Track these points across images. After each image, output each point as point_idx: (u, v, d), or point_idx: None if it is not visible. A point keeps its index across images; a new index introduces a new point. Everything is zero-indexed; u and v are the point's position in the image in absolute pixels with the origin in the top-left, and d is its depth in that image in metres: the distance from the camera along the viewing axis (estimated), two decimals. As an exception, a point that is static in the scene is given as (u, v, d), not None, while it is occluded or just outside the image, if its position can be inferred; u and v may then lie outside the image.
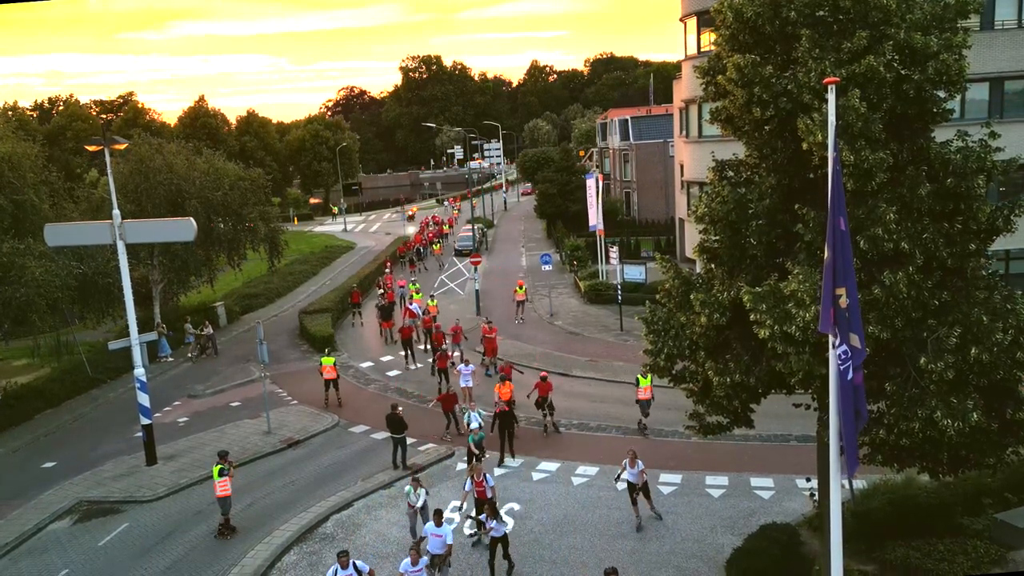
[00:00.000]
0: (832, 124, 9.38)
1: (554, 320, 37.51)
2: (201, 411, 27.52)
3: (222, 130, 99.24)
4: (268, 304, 45.73)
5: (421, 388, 28.35)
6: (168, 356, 34.34)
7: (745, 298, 11.55)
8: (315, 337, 34.57)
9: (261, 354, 24.07)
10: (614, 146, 72.15)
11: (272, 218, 40.20)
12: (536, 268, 51.79)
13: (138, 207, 34.65)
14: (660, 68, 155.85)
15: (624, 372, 28.48)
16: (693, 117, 33.52)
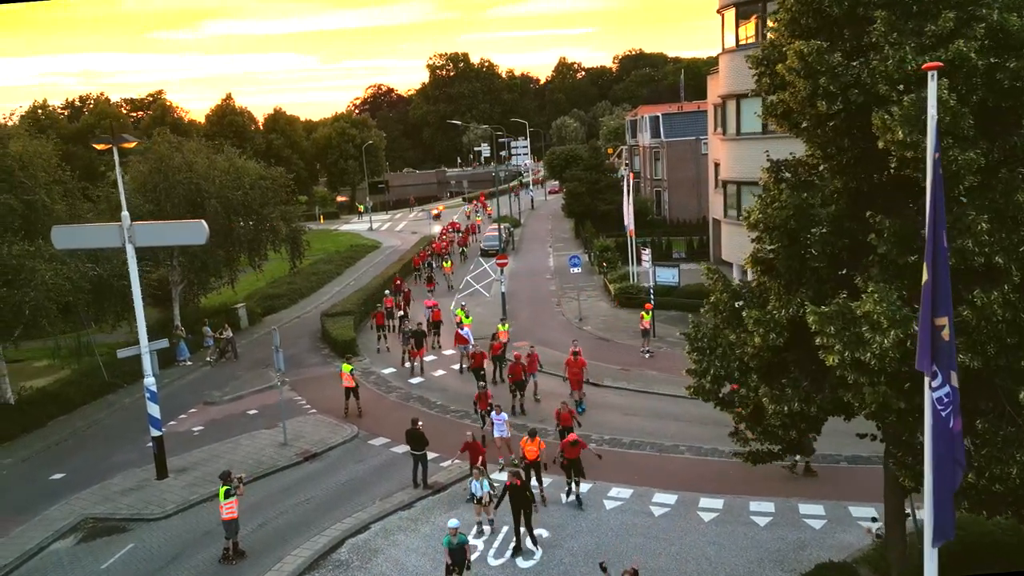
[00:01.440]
0: (933, 118, 7.91)
1: (583, 324, 36.12)
2: (217, 419, 26.55)
3: (249, 128, 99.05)
4: (291, 305, 44.86)
5: (444, 396, 27.14)
6: (187, 360, 33.50)
7: (810, 318, 10.11)
8: (336, 341, 33.53)
9: (277, 362, 23.02)
10: (644, 143, 70.46)
11: (293, 218, 39.22)
12: (564, 269, 50.39)
13: (157, 207, 33.89)
14: (689, 64, 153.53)
15: (658, 382, 27.07)
16: (731, 113, 31.94)
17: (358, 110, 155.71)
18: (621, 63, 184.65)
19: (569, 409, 21.10)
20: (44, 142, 31.20)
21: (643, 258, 34.70)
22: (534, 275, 49.98)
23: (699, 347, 13.41)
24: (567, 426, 20.27)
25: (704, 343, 13.28)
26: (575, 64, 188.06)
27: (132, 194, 34.12)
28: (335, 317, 36.84)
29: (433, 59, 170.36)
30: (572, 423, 20.63)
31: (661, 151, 65.44)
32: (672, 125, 64.13)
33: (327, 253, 63.35)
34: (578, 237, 64.03)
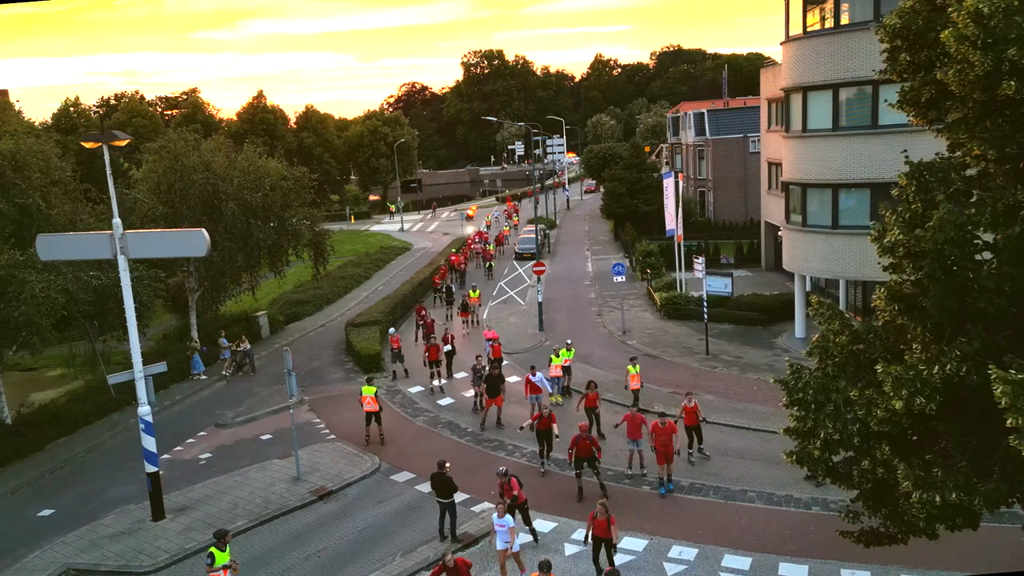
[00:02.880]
0: None
1: (627, 338, 33.18)
2: (228, 445, 24.16)
3: (280, 126, 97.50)
4: (315, 312, 42.54)
5: (477, 424, 24.42)
6: (201, 374, 31.25)
7: (997, 388, 7.17)
8: (360, 355, 31.04)
9: (290, 387, 20.49)
10: (687, 141, 67.10)
11: (318, 220, 36.81)
12: (604, 275, 47.47)
13: (171, 209, 31.74)
14: (729, 61, 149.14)
15: (717, 409, 24.10)
16: (796, 108, 28.75)
17: (391, 108, 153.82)
18: (659, 59, 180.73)
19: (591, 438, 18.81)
20: (43, 140, 29.05)
21: (696, 266, 31.62)
22: (572, 281, 47.11)
23: (802, 400, 10.51)
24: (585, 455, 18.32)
25: (809, 396, 10.37)
26: (611, 61, 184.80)
27: (146, 195, 32.06)
28: (360, 328, 34.36)
29: (467, 56, 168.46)
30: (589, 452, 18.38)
31: (706, 149, 62.07)
32: (718, 122, 60.71)
33: (356, 255, 61.15)
34: (617, 240, 61.01)
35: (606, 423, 22.91)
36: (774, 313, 33.66)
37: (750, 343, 31.20)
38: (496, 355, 27.37)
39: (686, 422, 20.72)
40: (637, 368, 24.23)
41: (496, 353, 27.52)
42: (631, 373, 23.86)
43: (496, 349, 27.74)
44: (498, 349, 27.86)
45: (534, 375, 23.41)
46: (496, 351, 27.64)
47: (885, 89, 25.97)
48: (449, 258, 50.75)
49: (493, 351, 27.64)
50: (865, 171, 26.65)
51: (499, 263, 54.91)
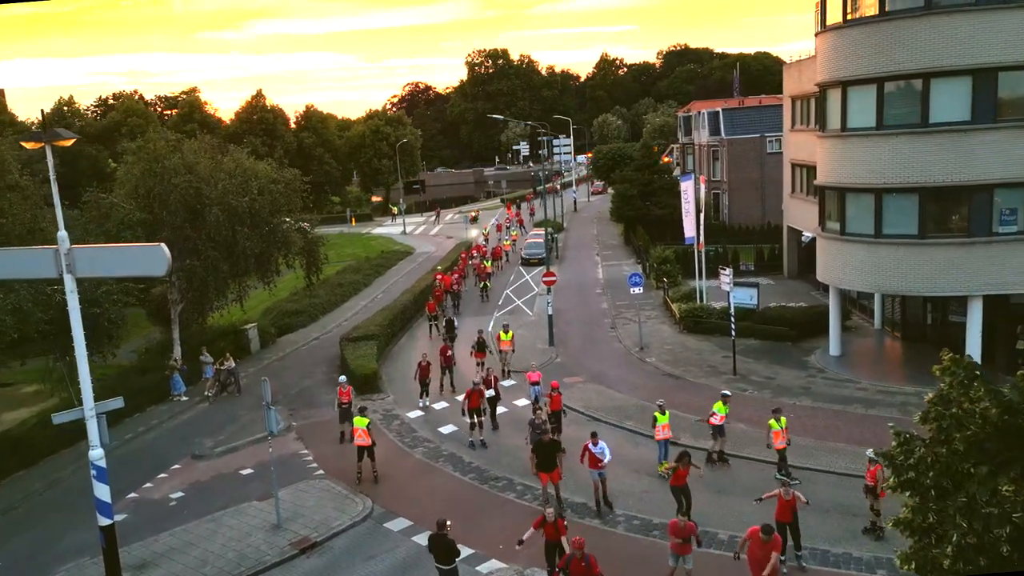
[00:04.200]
0: None
1: (645, 355, 30.56)
2: (203, 481, 21.60)
3: (280, 126, 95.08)
4: (310, 323, 39.98)
5: (482, 455, 21.85)
6: (182, 395, 28.71)
7: None
8: (355, 374, 28.46)
9: (269, 422, 17.92)
10: (701, 141, 64.46)
11: (310, 226, 34.26)
12: (615, 282, 44.92)
13: (151, 215, 29.24)
14: (737, 60, 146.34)
15: (751, 441, 21.50)
16: (834, 104, 26.13)
17: (394, 108, 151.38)
18: (665, 58, 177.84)
19: None
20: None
21: (723, 278, 29.00)
22: (582, 289, 44.47)
23: (916, 483, 7.91)
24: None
25: (929, 479, 7.77)
26: (617, 60, 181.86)
27: (123, 199, 29.58)
28: (356, 342, 31.79)
29: (472, 56, 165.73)
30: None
31: (721, 150, 59.47)
32: (734, 121, 58.11)
33: (356, 260, 58.63)
34: (628, 244, 58.39)
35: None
36: (804, 328, 31.02)
37: (780, 361, 28.56)
38: (556, 407, 21.96)
39: (778, 516, 15.34)
40: (783, 422, 19.05)
41: (556, 404, 22.03)
42: (774, 429, 18.94)
43: (556, 400, 22.02)
44: (559, 400, 22.14)
45: (595, 444, 17.71)
46: (556, 402, 22.02)
47: (937, 83, 23.41)
48: (437, 278, 42.35)
49: (553, 402, 21.96)
50: (913, 174, 24.05)
51: (498, 279, 48.78)
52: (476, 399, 22.20)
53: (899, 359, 28.68)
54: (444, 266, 48.83)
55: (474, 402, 22.20)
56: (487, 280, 44.67)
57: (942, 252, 24.04)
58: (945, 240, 24.01)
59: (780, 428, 19.01)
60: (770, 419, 19.16)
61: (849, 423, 22.51)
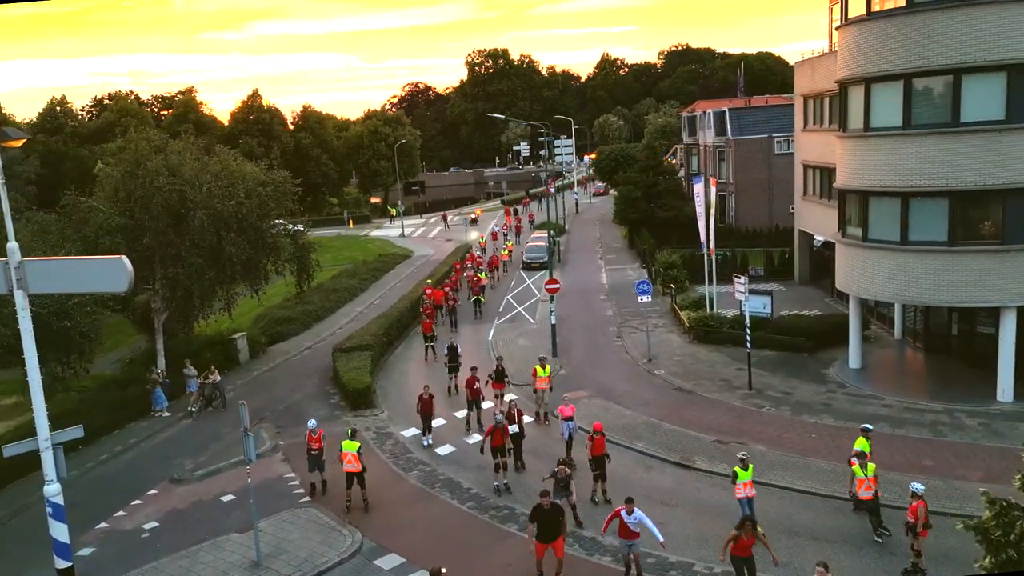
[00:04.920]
0: None
1: (653, 367, 28.97)
2: (180, 508, 20.01)
3: (277, 127, 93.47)
4: (303, 331, 38.39)
5: (481, 479, 20.24)
6: (164, 410, 27.12)
7: None
8: (347, 388, 26.92)
9: (247, 450, 16.33)
10: (706, 142, 62.90)
11: (301, 232, 32.69)
12: (620, 288, 43.37)
13: (131, 219, 27.65)
14: (740, 60, 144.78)
15: (773, 465, 19.94)
16: (856, 103, 24.53)
17: (394, 108, 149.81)
18: (667, 58, 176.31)
19: None
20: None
21: (737, 287, 27.42)
22: (586, 295, 42.86)
23: (1018, 563, 6.33)
24: None
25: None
26: (618, 60, 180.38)
27: (102, 202, 28.02)
28: (349, 353, 30.19)
29: (472, 56, 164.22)
30: None
31: (727, 151, 57.86)
32: (741, 121, 56.51)
33: (353, 263, 57.06)
34: (632, 247, 56.82)
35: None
36: (821, 338, 29.42)
37: (797, 375, 26.98)
38: (599, 451, 18.34)
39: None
40: (871, 469, 16.38)
41: (599, 448, 18.33)
42: (859, 477, 16.32)
43: (599, 444, 18.35)
44: (602, 444, 18.40)
45: (630, 513, 14.79)
46: (599, 446, 18.35)
47: (969, 79, 21.83)
48: (426, 294, 38.02)
49: (595, 446, 18.35)
50: (942, 176, 22.47)
51: (498, 284, 46.94)
52: (500, 437, 19.24)
53: (924, 373, 27.08)
54: (435, 279, 44.04)
55: (497, 440, 19.23)
56: (481, 294, 40.41)
57: (974, 261, 22.46)
58: (977, 248, 22.43)
59: (866, 476, 16.10)
60: (852, 462, 16.42)
61: (877, 444, 20.73)
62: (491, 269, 48.32)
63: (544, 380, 23.98)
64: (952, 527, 16.57)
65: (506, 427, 19.55)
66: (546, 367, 24.18)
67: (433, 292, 38.21)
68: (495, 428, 19.31)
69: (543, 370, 24.01)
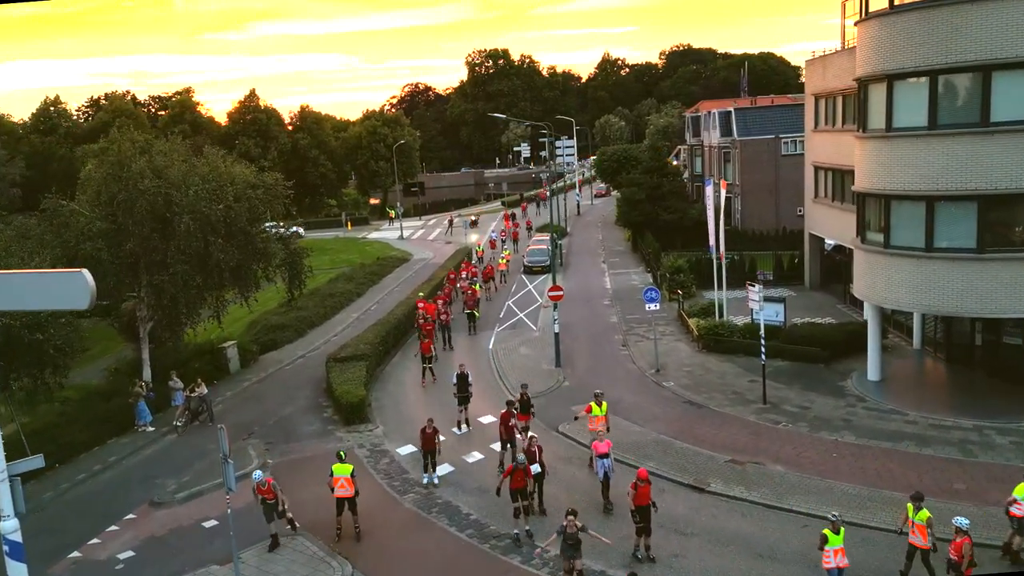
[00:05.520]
0: None
1: (662, 378, 27.67)
2: (159, 535, 18.70)
3: (274, 127, 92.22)
4: (297, 338, 37.04)
5: (481, 504, 18.92)
6: (148, 424, 25.79)
7: None
8: (340, 402, 25.60)
9: (227, 479, 15.04)
10: (711, 143, 61.68)
11: (293, 236, 31.39)
12: (624, 293, 42.13)
13: (114, 224, 26.35)
14: (742, 60, 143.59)
15: (795, 489, 18.64)
16: (877, 101, 23.24)
17: (393, 108, 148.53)
18: (668, 59, 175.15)
19: None
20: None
21: (751, 295, 26.11)
22: (589, 300, 41.54)
23: None
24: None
25: None
26: (619, 60, 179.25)
27: (84, 205, 26.73)
28: (343, 364, 28.88)
29: (472, 56, 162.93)
30: None
31: (733, 151, 56.61)
32: (747, 122, 55.24)
33: (351, 266, 55.75)
34: (636, 251, 55.54)
35: None
36: (837, 347, 28.13)
37: (813, 387, 25.68)
38: (643, 500, 15.92)
39: None
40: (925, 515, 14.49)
41: (643, 498, 15.90)
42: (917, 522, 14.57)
43: (644, 493, 15.93)
44: (646, 493, 15.97)
45: None
46: (644, 495, 15.93)
47: (1000, 77, 20.54)
48: (419, 308, 34.27)
49: (639, 495, 15.89)
50: (971, 179, 21.18)
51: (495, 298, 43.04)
52: (521, 478, 17.05)
53: (947, 386, 25.76)
54: (428, 289, 40.51)
55: (518, 482, 16.98)
56: (476, 307, 36.78)
57: (1005, 269, 21.16)
58: (1008, 255, 21.13)
59: (921, 520, 14.40)
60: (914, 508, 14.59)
61: (903, 465, 19.62)
62: (486, 279, 44.37)
63: (600, 420, 20.22)
64: (991, 559, 15.41)
65: (528, 467, 17.29)
66: (602, 404, 20.38)
67: (426, 306, 34.58)
68: (515, 468, 17.06)
69: (599, 408, 20.30)
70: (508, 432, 20.57)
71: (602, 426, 20.11)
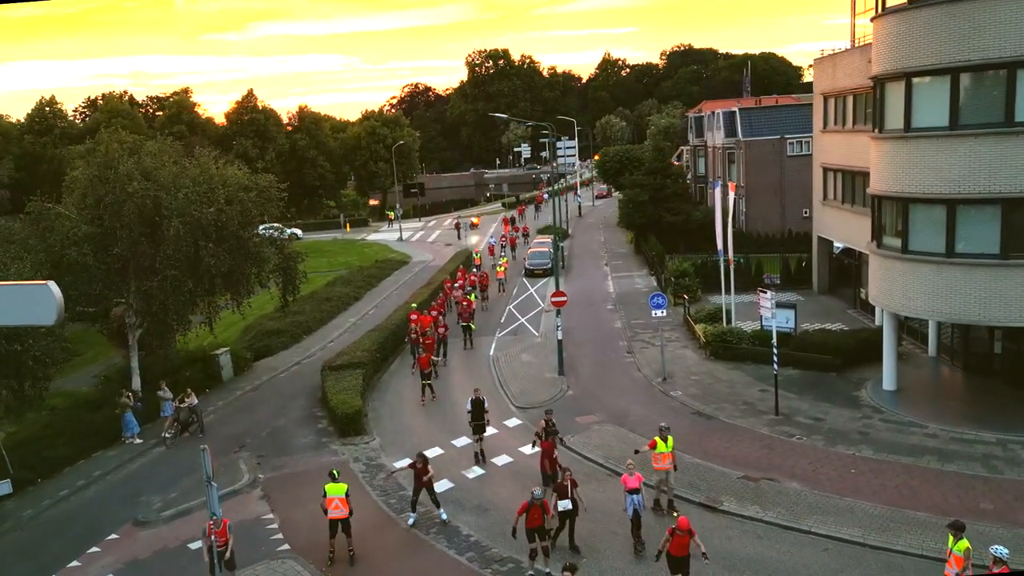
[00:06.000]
0: None
1: (669, 388, 26.70)
2: (142, 559, 17.72)
3: (272, 128, 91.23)
4: (292, 344, 36.06)
5: (484, 524, 17.96)
6: (135, 436, 24.80)
7: None
8: (336, 413, 24.63)
9: (211, 503, 14.06)
10: (715, 143, 60.68)
11: (287, 240, 30.43)
12: (628, 296, 41.22)
13: (101, 228, 25.38)
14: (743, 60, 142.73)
15: (813, 508, 17.65)
16: (894, 100, 22.26)
17: (393, 109, 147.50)
18: (669, 59, 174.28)
19: None
20: None
21: (763, 302, 25.13)
22: (592, 304, 40.57)
23: None
24: None
25: None
26: (620, 61, 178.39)
27: (70, 209, 25.77)
28: (339, 372, 27.90)
29: (472, 56, 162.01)
30: None
31: (737, 152, 55.61)
32: (752, 122, 54.25)
33: (349, 269, 54.79)
34: (639, 253, 54.59)
35: None
36: (850, 355, 27.16)
37: (826, 397, 24.70)
38: (680, 550, 14.08)
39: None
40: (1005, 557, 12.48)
41: (681, 548, 14.10)
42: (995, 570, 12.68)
43: (680, 544, 14.10)
44: (684, 545, 14.09)
45: None
46: (680, 545, 14.11)
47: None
48: (412, 320, 31.91)
49: (676, 544, 14.08)
50: (995, 182, 20.20)
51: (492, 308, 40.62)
52: (537, 516, 15.07)
53: (966, 396, 24.77)
54: (422, 298, 38.18)
55: (534, 520, 15.09)
56: (471, 320, 33.88)
57: (1030, 275, 20.20)
58: (1034, 261, 20.17)
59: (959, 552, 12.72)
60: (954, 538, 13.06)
61: (926, 483, 18.64)
62: (482, 288, 41.93)
63: (666, 458, 17.52)
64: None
65: (545, 504, 15.34)
66: (668, 439, 17.69)
67: (420, 318, 31.93)
68: (531, 504, 15.02)
69: (664, 444, 17.59)
70: (552, 466, 18.16)
71: (668, 464, 17.58)
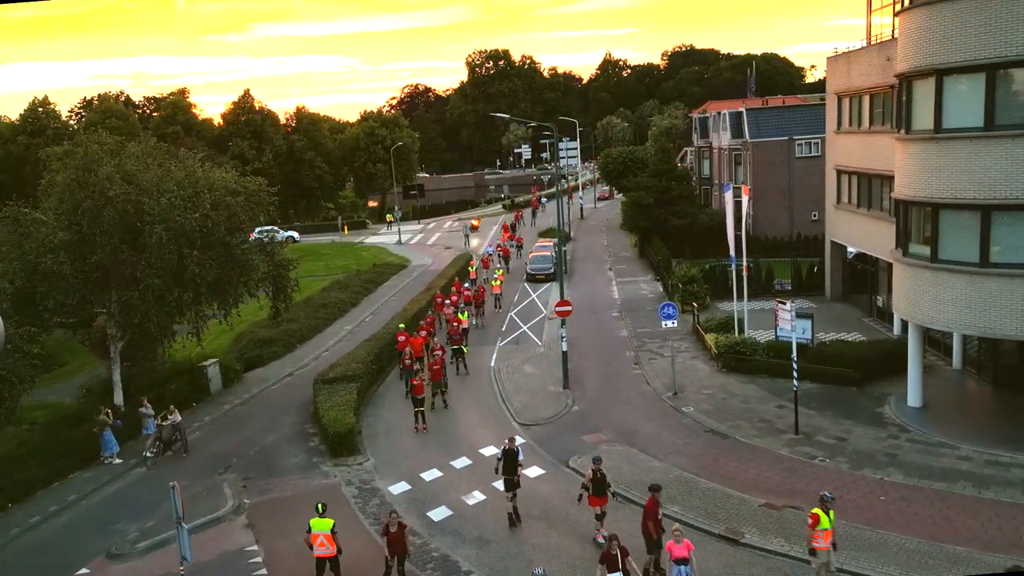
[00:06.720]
0: None
1: (680, 403, 25.26)
2: (113, 597, 16.34)
3: (269, 128, 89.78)
4: (285, 354, 34.60)
5: (483, 561, 16.55)
6: (114, 456, 23.32)
7: None
8: (328, 431, 23.19)
9: (181, 546, 12.64)
10: (720, 144, 59.27)
11: (278, 246, 29.00)
12: (633, 303, 39.83)
13: (79, 235, 23.95)
14: (745, 60, 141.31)
15: (844, 542, 16.09)
16: (922, 99, 20.85)
17: (392, 109, 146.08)
18: (670, 59, 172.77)
19: None
20: None
21: (781, 315, 23.69)
22: (596, 311, 39.14)
23: None
24: None
25: None
26: (621, 61, 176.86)
27: (46, 214, 24.35)
28: (332, 385, 26.47)
29: (472, 56, 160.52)
30: None
31: (744, 154, 54.18)
32: (759, 122, 52.80)
33: (347, 273, 53.33)
34: (643, 257, 53.14)
35: None
36: (870, 367, 25.73)
37: (848, 413, 23.27)
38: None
39: None
40: None
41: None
42: None
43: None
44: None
45: None
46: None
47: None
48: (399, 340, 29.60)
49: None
50: (1034, 187, 18.78)
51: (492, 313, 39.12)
52: None
53: (997, 414, 23.33)
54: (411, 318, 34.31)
55: None
56: (463, 341, 30.61)
57: (1073, 287, 18.79)
58: (1076, 271, 18.77)
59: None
60: None
61: (963, 511, 17.23)
62: (477, 304, 37.98)
63: (828, 535, 14.40)
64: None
65: None
66: (830, 512, 14.49)
67: (409, 340, 29.11)
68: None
69: (827, 518, 14.37)
70: (656, 529, 15.22)
71: (827, 544, 14.43)
